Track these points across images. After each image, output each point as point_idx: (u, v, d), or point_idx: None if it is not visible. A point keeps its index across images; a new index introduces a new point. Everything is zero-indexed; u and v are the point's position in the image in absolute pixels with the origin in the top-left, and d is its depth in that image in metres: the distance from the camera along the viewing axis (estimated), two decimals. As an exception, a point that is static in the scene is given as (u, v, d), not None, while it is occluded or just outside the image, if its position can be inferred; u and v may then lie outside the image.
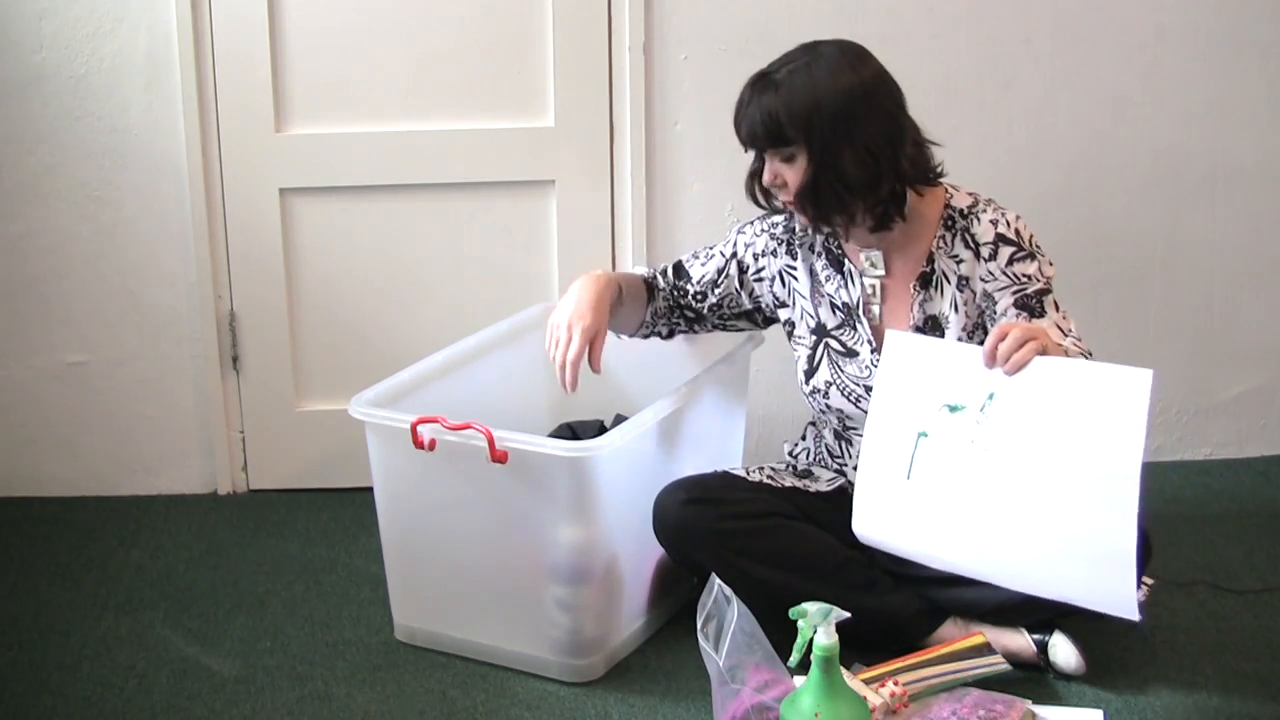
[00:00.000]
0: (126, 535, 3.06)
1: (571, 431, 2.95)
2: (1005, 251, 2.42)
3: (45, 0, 2.99)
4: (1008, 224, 2.44)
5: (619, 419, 2.89)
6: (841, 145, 2.36)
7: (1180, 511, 3.09)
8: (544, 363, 3.03)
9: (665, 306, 2.67)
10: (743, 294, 2.64)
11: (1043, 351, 2.22)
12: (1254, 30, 3.15)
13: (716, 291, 2.64)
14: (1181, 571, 2.78)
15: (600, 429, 2.91)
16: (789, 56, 2.42)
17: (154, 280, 3.16)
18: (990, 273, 2.43)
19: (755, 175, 2.50)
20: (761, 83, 2.40)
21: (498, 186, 3.16)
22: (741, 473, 2.57)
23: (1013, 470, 2.23)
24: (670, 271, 2.68)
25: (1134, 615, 2.18)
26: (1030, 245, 2.43)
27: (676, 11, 3.08)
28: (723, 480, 2.54)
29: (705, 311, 2.67)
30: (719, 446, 2.78)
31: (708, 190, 3.18)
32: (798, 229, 2.58)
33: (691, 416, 2.64)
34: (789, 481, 2.59)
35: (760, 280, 2.62)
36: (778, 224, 2.60)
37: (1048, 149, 3.19)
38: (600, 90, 3.11)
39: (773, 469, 2.61)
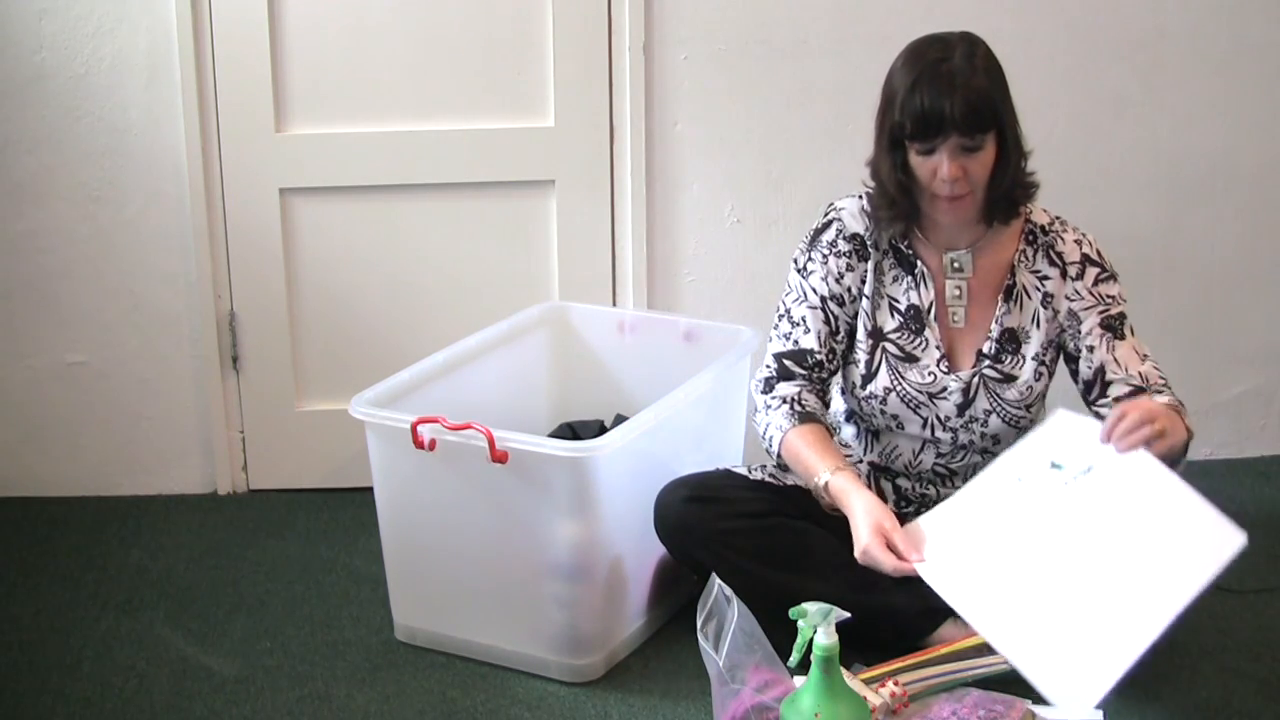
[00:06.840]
0: (126, 535, 3.06)
1: (572, 431, 2.95)
2: (1091, 272, 2.48)
3: (45, 0, 2.99)
4: (1090, 244, 2.51)
5: (619, 419, 2.89)
6: (1014, 124, 2.42)
7: (1180, 511, 3.08)
8: (544, 363, 3.05)
9: (818, 399, 2.54)
10: (842, 325, 2.55)
11: (1159, 435, 2.26)
12: (1254, 31, 3.15)
13: (836, 339, 2.54)
14: (1181, 571, 2.78)
15: (600, 429, 2.91)
16: (943, 45, 2.41)
17: (154, 280, 3.15)
18: (1077, 291, 2.47)
19: (902, 167, 2.41)
20: (945, 68, 2.37)
21: (498, 186, 3.16)
22: (743, 471, 2.57)
23: (1075, 540, 2.27)
24: (791, 364, 2.52)
25: (1091, 705, 2.16)
26: (1110, 268, 2.50)
27: (676, 11, 3.08)
28: (724, 479, 2.54)
29: (836, 367, 2.58)
30: (719, 446, 2.77)
31: (708, 190, 3.18)
32: (869, 228, 2.51)
33: (691, 416, 2.64)
34: (791, 480, 2.58)
35: (856, 300, 2.54)
36: (835, 242, 2.52)
37: (1048, 149, 3.17)
38: (600, 90, 3.11)
39: (775, 467, 2.61)
